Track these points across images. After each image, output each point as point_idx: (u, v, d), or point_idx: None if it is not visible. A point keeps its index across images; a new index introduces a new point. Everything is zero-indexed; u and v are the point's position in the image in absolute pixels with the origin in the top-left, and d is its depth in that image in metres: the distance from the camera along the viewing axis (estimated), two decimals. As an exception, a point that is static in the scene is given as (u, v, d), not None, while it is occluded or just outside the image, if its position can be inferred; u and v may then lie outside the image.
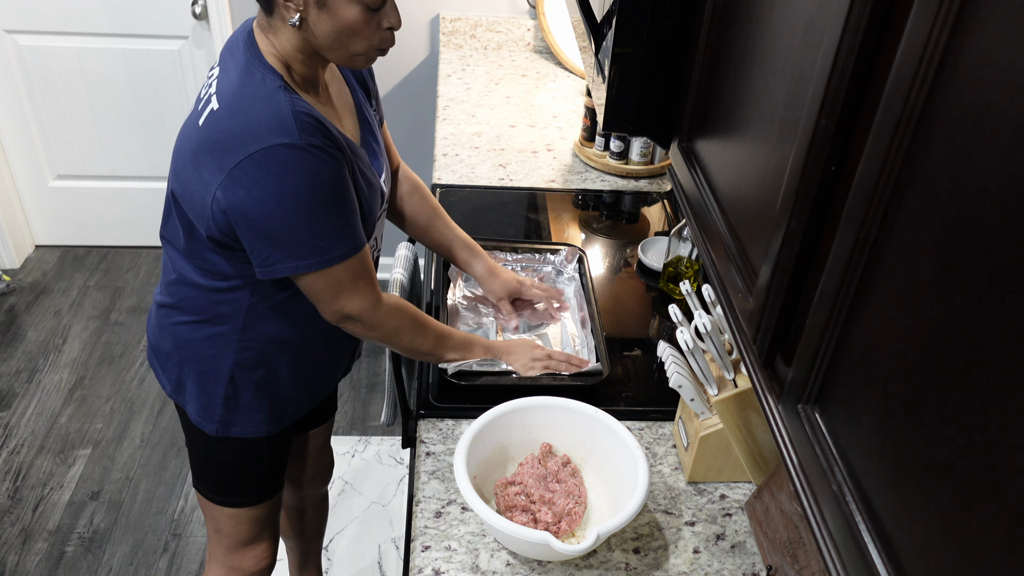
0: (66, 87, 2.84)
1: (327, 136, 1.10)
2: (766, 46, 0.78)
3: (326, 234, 1.13)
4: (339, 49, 1.13)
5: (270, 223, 1.09)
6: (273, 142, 1.06)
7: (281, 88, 1.10)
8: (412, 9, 2.66)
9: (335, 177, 1.11)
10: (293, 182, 1.07)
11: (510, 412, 1.23)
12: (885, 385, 0.56)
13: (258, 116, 1.08)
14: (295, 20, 1.08)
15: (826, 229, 0.66)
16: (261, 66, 1.12)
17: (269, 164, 1.06)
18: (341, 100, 1.29)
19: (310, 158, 1.07)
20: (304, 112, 1.09)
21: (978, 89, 0.46)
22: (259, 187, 1.07)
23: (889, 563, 0.54)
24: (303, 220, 1.10)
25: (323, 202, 1.11)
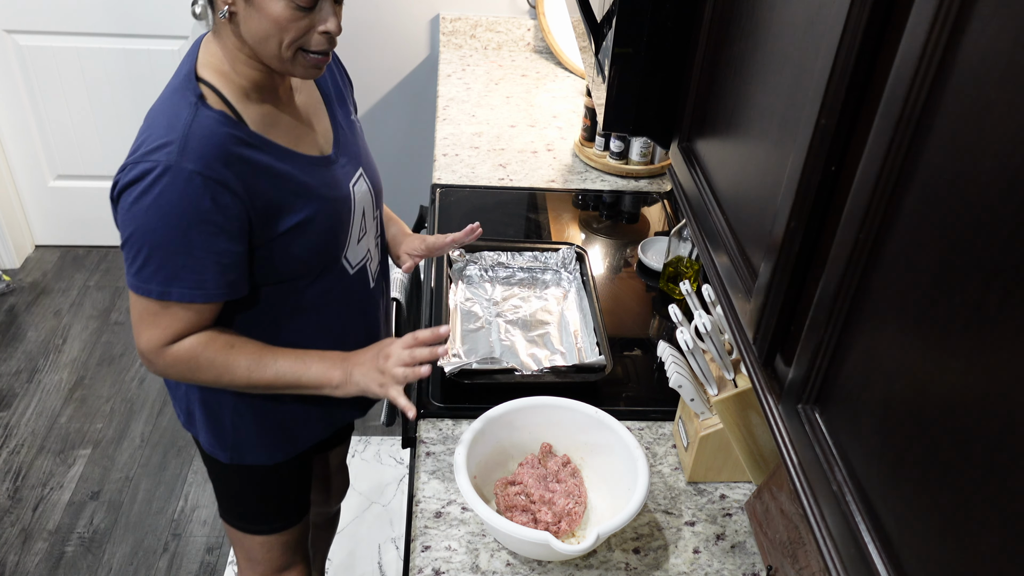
0: (66, 87, 2.84)
1: (216, 167, 1.04)
2: (766, 46, 0.78)
3: (155, 263, 1.06)
4: (266, 51, 1.07)
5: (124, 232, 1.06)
6: (151, 158, 1.02)
7: (193, 104, 1.06)
8: (412, 9, 2.66)
9: (194, 214, 1.04)
10: (146, 200, 1.02)
11: (510, 412, 1.23)
12: (885, 385, 0.56)
13: (154, 127, 1.05)
14: (224, 12, 1.05)
15: (826, 229, 0.66)
16: (187, 81, 1.09)
17: (137, 176, 1.03)
18: (309, 108, 1.23)
19: (171, 184, 1.02)
20: (200, 134, 1.04)
21: (978, 89, 0.46)
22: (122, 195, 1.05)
23: (889, 563, 0.54)
24: (143, 239, 1.05)
25: (165, 232, 1.04)
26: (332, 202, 1.19)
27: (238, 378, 1.16)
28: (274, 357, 1.17)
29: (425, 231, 1.92)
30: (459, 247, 1.50)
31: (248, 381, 1.16)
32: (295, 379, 1.17)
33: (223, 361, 1.14)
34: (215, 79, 1.10)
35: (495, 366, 1.40)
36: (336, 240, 1.22)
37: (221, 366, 1.14)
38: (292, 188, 1.13)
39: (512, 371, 1.40)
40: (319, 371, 1.18)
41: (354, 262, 1.28)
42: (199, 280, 1.08)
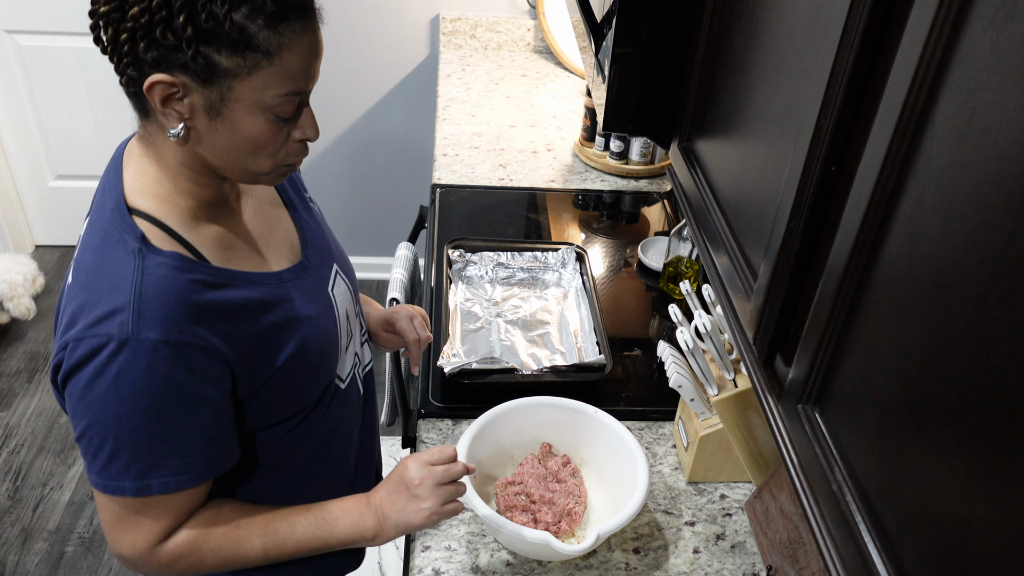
0: (66, 87, 2.84)
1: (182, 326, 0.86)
2: (766, 46, 0.78)
3: (124, 458, 0.88)
4: (238, 167, 0.90)
5: (72, 417, 0.89)
6: (101, 330, 0.84)
7: (134, 254, 0.86)
8: (412, 9, 2.66)
9: (164, 391, 0.86)
10: (101, 383, 0.85)
11: (510, 412, 1.23)
12: (885, 385, 0.56)
13: (96, 294, 0.86)
14: (177, 131, 0.85)
15: (826, 229, 0.66)
16: (120, 219, 0.88)
17: (87, 354, 0.85)
18: (264, 210, 1.05)
19: (132, 361, 0.84)
20: (153, 292, 0.85)
21: (978, 88, 0.46)
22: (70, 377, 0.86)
23: (889, 563, 0.54)
24: (101, 430, 0.87)
25: (130, 418, 0.86)
26: (316, 320, 1.02)
27: (253, 560, 0.98)
28: (291, 526, 0.99)
29: (425, 231, 1.92)
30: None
31: (266, 560, 0.99)
32: (323, 544, 1.01)
33: (231, 547, 0.97)
34: (154, 207, 0.90)
35: (495, 366, 1.40)
36: (329, 361, 1.05)
37: (230, 553, 0.97)
38: (272, 321, 0.96)
39: (512, 371, 1.39)
40: (348, 527, 1.01)
41: (344, 375, 1.11)
42: (183, 464, 0.90)
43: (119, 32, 0.81)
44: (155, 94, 0.83)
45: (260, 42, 0.81)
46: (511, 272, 1.68)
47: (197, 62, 0.80)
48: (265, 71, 0.83)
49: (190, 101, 0.84)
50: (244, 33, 0.80)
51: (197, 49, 0.80)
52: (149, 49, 0.81)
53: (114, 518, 0.92)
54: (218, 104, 0.84)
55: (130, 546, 0.93)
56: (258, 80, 0.83)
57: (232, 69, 0.82)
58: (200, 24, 0.79)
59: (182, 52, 0.80)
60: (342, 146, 2.91)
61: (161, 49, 0.80)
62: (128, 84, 0.85)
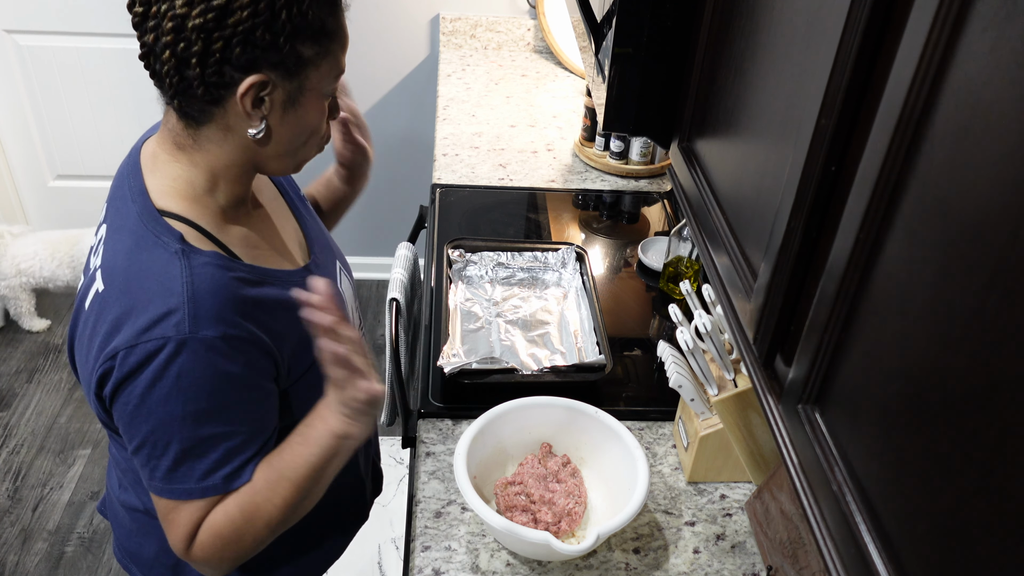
0: (66, 87, 2.84)
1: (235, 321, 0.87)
2: (766, 46, 0.78)
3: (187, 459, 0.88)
4: (290, 158, 0.93)
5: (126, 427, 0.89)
6: (157, 333, 0.84)
7: (177, 254, 0.86)
8: (412, 9, 2.66)
9: (223, 383, 0.87)
10: (161, 385, 0.85)
11: (510, 412, 1.23)
12: (885, 385, 0.56)
13: (144, 297, 0.85)
14: (259, 130, 0.87)
15: (826, 229, 0.66)
16: (153, 222, 0.88)
17: (144, 358, 0.84)
18: (274, 207, 1.07)
19: (192, 359, 0.85)
20: (205, 290, 0.86)
21: (978, 88, 0.46)
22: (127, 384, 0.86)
23: (889, 563, 0.54)
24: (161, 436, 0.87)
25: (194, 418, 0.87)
26: None
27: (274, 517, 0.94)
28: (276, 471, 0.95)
29: (425, 231, 1.92)
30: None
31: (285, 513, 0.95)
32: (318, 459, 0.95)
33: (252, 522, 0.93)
34: (186, 208, 0.90)
35: (495, 366, 1.40)
36: None
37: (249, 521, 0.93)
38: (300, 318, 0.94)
39: (512, 371, 1.39)
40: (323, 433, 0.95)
41: None
42: (249, 458, 0.91)
43: (212, 41, 0.81)
44: (249, 96, 0.85)
45: (329, 28, 0.87)
46: (511, 272, 1.68)
47: (290, 57, 0.85)
48: (331, 55, 0.89)
49: (272, 98, 0.87)
50: (320, 21, 0.86)
51: (292, 44, 0.84)
52: (244, 52, 0.82)
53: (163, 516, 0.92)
54: (296, 96, 0.88)
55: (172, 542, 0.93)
56: (327, 65, 0.89)
57: (312, 58, 0.87)
58: (294, 19, 0.83)
59: (277, 49, 0.83)
60: (342, 146, 2.91)
61: (256, 50, 0.83)
62: (205, 94, 0.85)
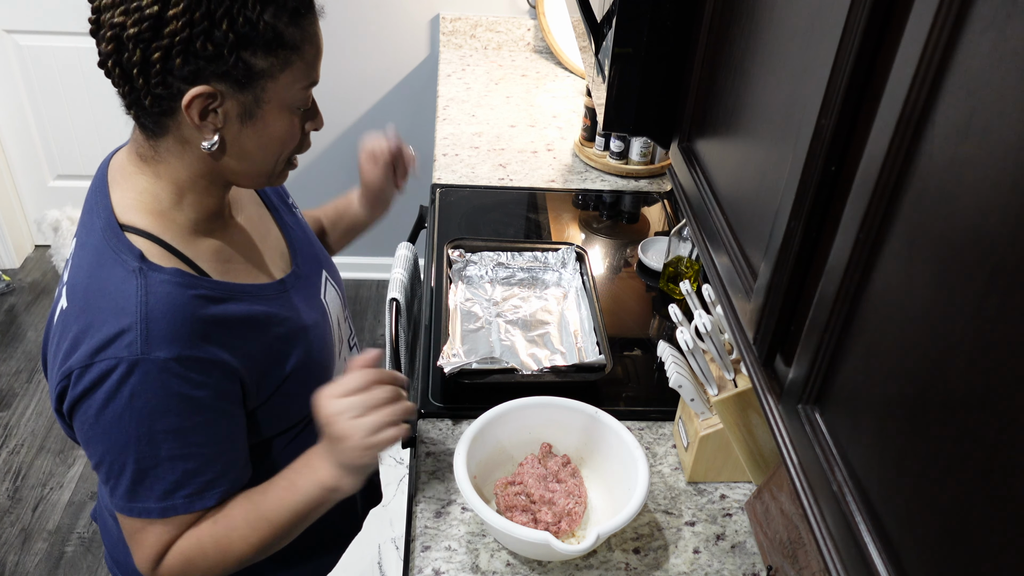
0: (66, 87, 2.84)
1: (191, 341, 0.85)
2: (766, 46, 0.78)
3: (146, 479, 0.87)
4: (257, 171, 0.90)
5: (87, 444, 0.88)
6: (110, 353, 0.82)
7: (135, 273, 0.84)
8: (412, 9, 2.66)
9: (180, 404, 0.85)
10: (116, 406, 0.84)
11: (510, 412, 1.23)
12: (885, 385, 0.56)
13: (99, 316, 0.84)
14: (212, 143, 0.85)
15: (826, 229, 0.66)
16: (114, 239, 0.86)
17: (97, 378, 0.83)
18: (254, 220, 1.04)
19: (146, 381, 0.83)
20: (159, 310, 0.83)
21: (979, 88, 0.46)
22: (83, 403, 0.85)
23: (889, 563, 0.54)
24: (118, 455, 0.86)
25: (151, 439, 0.85)
26: (315, 328, 1.02)
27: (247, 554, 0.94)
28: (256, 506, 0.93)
29: (425, 231, 1.92)
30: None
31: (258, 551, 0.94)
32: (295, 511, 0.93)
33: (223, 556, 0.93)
34: (150, 223, 0.88)
35: (495, 366, 1.40)
36: (329, 367, 1.05)
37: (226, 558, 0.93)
38: (277, 332, 0.95)
39: (512, 371, 1.39)
40: (309, 485, 0.93)
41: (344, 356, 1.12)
42: (210, 480, 0.90)
43: (150, 52, 0.79)
44: (194, 108, 0.82)
45: (288, 39, 0.83)
46: (511, 272, 1.68)
47: (238, 68, 0.81)
48: (293, 67, 0.85)
49: (224, 110, 0.84)
50: (275, 32, 0.82)
51: (238, 55, 0.80)
52: (186, 63, 0.80)
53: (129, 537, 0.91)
54: (252, 108, 0.85)
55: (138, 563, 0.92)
56: (287, 77, 0.85)
57: (266, 69, 0.83)
58: (238, 29, 0.80)
59: (223, 60, 0.80)
60: (342, 146, 2.91)
61: (199, 61, 0.80)
62: (153, 105, 0.84)
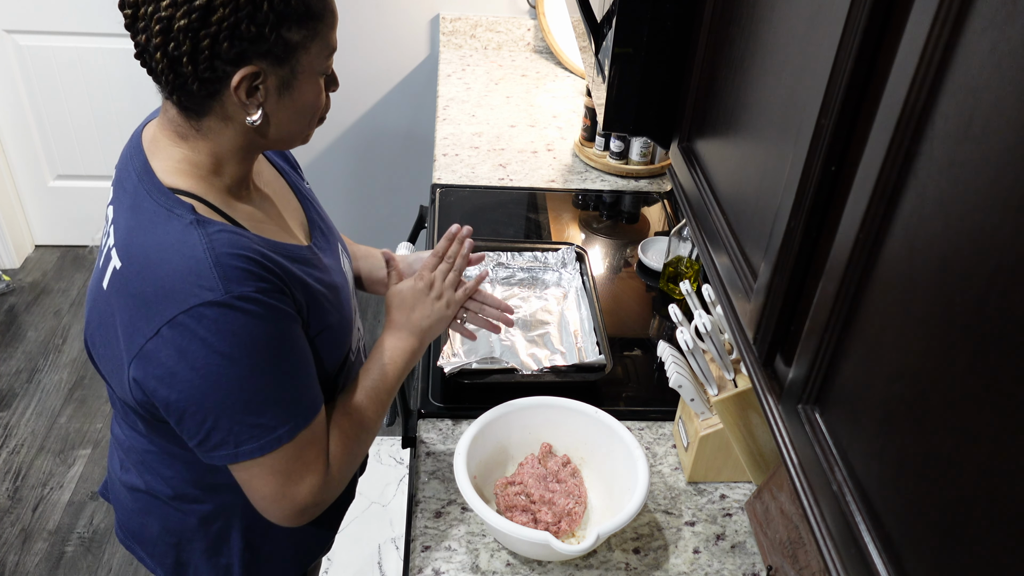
0: (66, 87, 2.84)
1: (262, 275, 0.89)
2: (766, 46, 0.78)
3: (269, 408, 0.90)
4: (291, 137, 0.95)
5: (197, 404, 0.88)
6: (193, 302, 0.84)
7: (193, 224, 0.87)
8: (412, 9, 2.66)
9: (276, 334, 0.90)
10: (222, 349, 0.85)
11: (510, 412, 1.23)
12: (885, 385, 0.56)
13: (170, 271, 0.85)
14: (257, 118, 0.89)
15: (826, 229, 0.66)
16: (163, 197, 0.89)
17: (191, 331, 0.85)
18: (275, 189, 1.08)
19: (241, 316, 0.86)
20: (228, 252, 0.87)
21: (979, 87, 0.46)
22: (181, 362, 0.86)
23: (889, 563, 0.54)
24: (238, 396, 0.88)
25: (262, 369, 0.88)
26: (342, 291, 1.07)
27: (377, 423, 1.07)
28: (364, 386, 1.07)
29: (425, 231, 1.92)
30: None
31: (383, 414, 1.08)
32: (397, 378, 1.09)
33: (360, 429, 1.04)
34: (194, 186, 0.92)
35: (495, 366, 1.40)
36: (350, 332, 1.10)
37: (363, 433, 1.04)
38: (314, 291, 0.98)
39: (512, 371, 1.40)
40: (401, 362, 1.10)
41: (355, 347, 1.15)
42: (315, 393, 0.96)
43: (199, 39, 0.83)
44: (242, 88, 0.87)
45: (315, 9, 0.87)
46: (511, 272, 1.68)
47: (278, 45, 0.85)
48: (321, 36, 0.89)
49: (265, 85, 0.88)
50: (305, 5, 0.86)
51: (278, 33, 0.85)
52: (232, 46, 0.84)
53: (283, 479, 0.93)
54: (289, 80, 0.89)
55: (310, 488, 0.96)
56: (317, 47, 0.89)
57: (300, 42, 0.87)
58: (276, 7, 0.84)
59: (264, 40, 0.84)
60: (342, 146, 2.91)
61: (244, 43, 0.84)
62: (201, 89, 0.87)
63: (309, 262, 1.01)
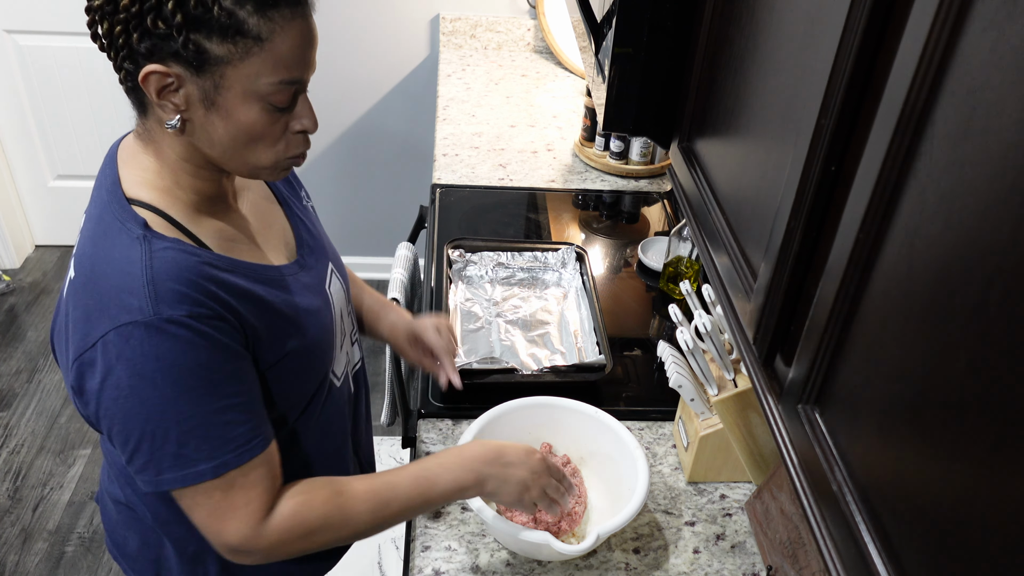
0: (66, 87, 2.84)
1: (200, 300, 0.86)
2: (766, 46, 0.78)
3: (192, 440, 0.86)
4: (237, 160, 0.90)
5: (121, 423, 0.86)
6: (124, 320, 0.83)
7: (139, 240, 0.86)
8: (412, 9, 2.66)
9: (205, 363, 0.85)
10: (144, 372, 0.83)
11: (510, 412, 1.23)
12: (885, 385, 0.56)
13: (109, 287, 0.85)
14: (174, 123, 0.86)
15: (826, 229, 0.66)
16: (120, 209, 0.88)
17: (118, 350, 0.83)
18: (260, 208, 1.05)
19: (167, 341, 0.83)
20: (167, 273, 0.84)
21: (979, 87, 0.46)
22: (107, 379, 0.84)
23: (889, 563, 0.54)
24: (158, 422, 0.85)
25: (186, 398, 0.85)
26: (316, 314, 1.03)
27: (362, 527, 0.97)
28: (391, 486, 0.99)
29: (425, 231, 1.92)
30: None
31: (374, 525, 0.98)
32: (424, 500, 1.00)
33: (338, 515, 0.96)
34: (155, 198, 0.90)
35: (495, 366, 1.40)
36: (325, 356, 1.06)
37: (338, 521, 0.96)
38: (277, 310, 0.96)
39: (512, 371, 1.40)
40: (448, 483, 1.01)
41: (339, 373, 1.12)
42: (250, 429, 0.90)
43: (113, 25, 0.82)
44: (150, 85, 0.84)
45: (250, 28, 0.82)
46: (511, 272, 1.68)
47: (188, 49, 0.81)
48: (256, 58, 0.83)
49: (185, 92, 0.85)
50: (233, 19, 0.81)
51: (188, 36, 0.81)
52: (142, 39, 0.82)
53: (208, 512, 0.90)
54: (212, 93, 0.85)
55: (236, 531, 0.90)
56: (250, 67, 0.84)
57: (223, 56, 0.82)
58: (189, 11, 0.80)
59: (173, 40, 0.81)
60: (342, 146, 2.91)
61: (153, 39, 0.81)
62: (125, 79, 0.86)
63: (276, 283, 0.97)
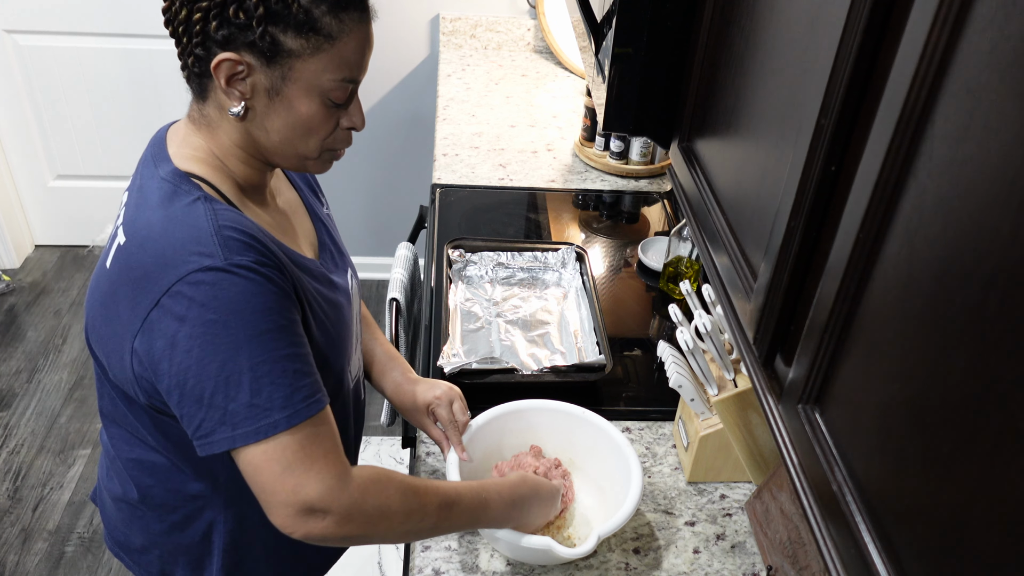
0: (66, 87, 2.84)
1: (264, 251, 0.88)
2: (766, 46, 0.78)
3: (265, 387, 0.85)
4: (288, 150, 0.94)
5: (195, 375, 0.85)
6: (192, 268, 0.84)
7: (199, 200, 0.89)
8: (412, 9, 2.66)
9: (274, 306, 0.87)
10: (218, 314, 0.83)
11: (500, 416, 1.23)
12: (885, 385, 0.56)
13: (171, 242, 0.86)
14: (237, 110, 0.89)
15: (826, 229, 0.66)
16: (173, 177, 0.91)
17: (188, 297, 0.84)
18: (292, 208, 1.09)
19: (239, 282, 0.84)
20: (231, 226, 0.87)
21: (979, 87, 0.46)
22: (179, 330, 0.84)
23: (889, 563, 0.54)
24: (233, 366, 0.84)
25: (259, 340, 0.85)
26: (339, 311, 1.05)
27: (427, 517, 0.96)
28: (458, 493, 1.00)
29: (425, 231, 1.92)
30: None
31: (436, 523, 0.98)
32: (474, 519, 1.03)
33: (413, 497, 0.95)
34: (208, 173, 0.94)
35: (495, 366, 1.40)
36: (343, 353, 1.07)
37: (413, 503, 0.94)
38: (310, 299, 0.97)
39: (512, 371, 1.39)
40: (499, 512, 1.04)
41: (354, 374, 1.14)
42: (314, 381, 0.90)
43: (193, 11, 0.86)
44: (221, 72, 0.88)
45: (323, 26, 0.87)
46: (511, 272, 1.68)
47: (264, 41, 0.86)
48: (325, 55, 0.88)
49: (252, 81, 0.89)
50: (309, 16, 0.86)
51: (266, 28, 0.85)
52: (220, 28, 0.86)
53: (283, 467, 0.86)
54: (279, 84, 0.89)
55: (318, 482, 0.86)
56: (318, 63, 0.89)
57: (295, 50, 0.87)
58: (271, 5, 0.84)
59: (251, 31, 0.85)
60: (342, 146, 2.90)
61: (231, 28, 0.85)
62: (194, 64, 0.90)
63: (313, 273, 1.00)
